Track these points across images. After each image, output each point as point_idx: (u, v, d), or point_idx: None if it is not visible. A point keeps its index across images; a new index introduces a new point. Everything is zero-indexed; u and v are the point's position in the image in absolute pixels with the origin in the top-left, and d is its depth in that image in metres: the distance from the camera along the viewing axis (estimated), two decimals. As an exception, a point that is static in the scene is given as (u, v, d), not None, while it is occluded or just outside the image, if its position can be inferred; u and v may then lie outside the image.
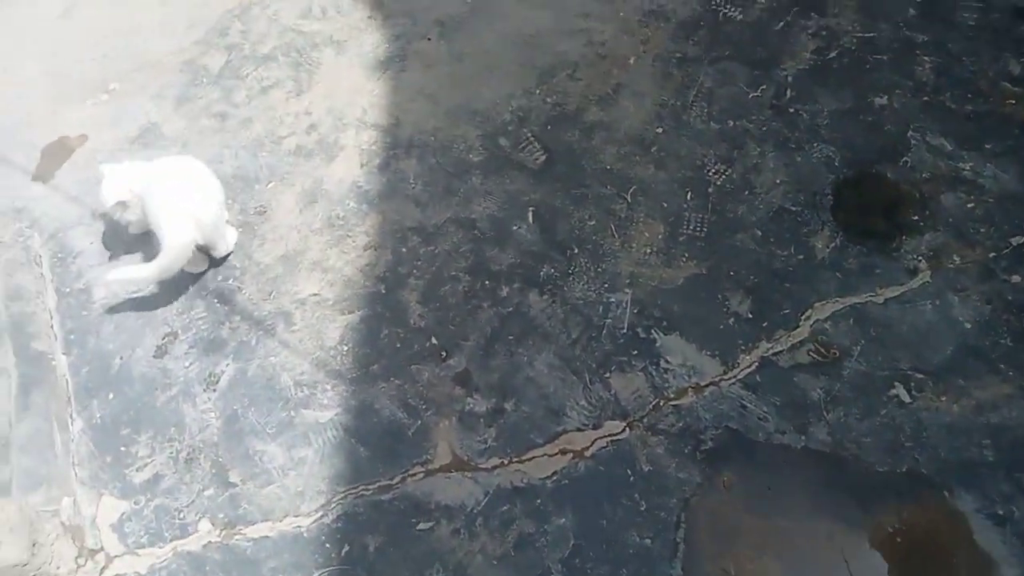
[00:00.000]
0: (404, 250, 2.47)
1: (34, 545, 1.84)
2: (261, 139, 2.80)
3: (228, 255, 2.48)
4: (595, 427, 2.04)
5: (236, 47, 3.08)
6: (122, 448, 2.18)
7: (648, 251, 2.35)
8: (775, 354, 2.08)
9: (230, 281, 2.46)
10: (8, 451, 2.11)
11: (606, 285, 2.30)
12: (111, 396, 2.28)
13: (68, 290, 2.50)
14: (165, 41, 3.15)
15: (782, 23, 2.83)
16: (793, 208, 2.37)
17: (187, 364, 2.31)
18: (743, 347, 2.11)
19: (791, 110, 2.60)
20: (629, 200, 2.46)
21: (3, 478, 2.06)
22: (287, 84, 2.94)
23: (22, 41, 3.21)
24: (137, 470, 2.15)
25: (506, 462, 2.03)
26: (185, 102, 2.93)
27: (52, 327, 2.41)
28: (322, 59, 3.00)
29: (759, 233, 2.32)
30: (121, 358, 2.34)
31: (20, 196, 2.75)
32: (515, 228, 2.47)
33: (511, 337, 2.25)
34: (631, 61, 2.81)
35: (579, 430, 2.05)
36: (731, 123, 2.59)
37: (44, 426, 2.19)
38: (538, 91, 2.78)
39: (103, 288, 2.43)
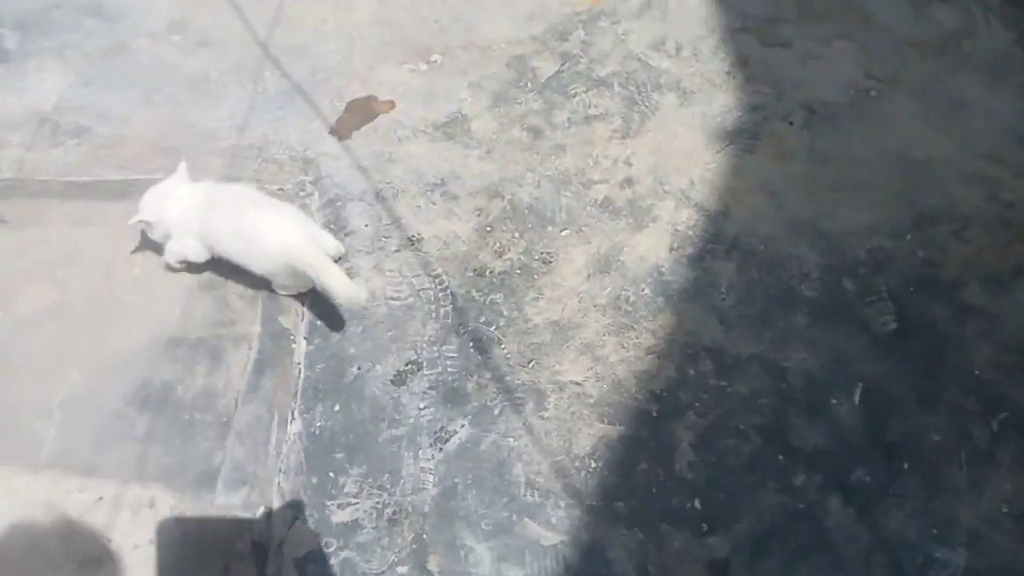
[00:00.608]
0: (692, 372, 2.13)
1: (226, 569, 1.71)
2: (569, 175, 2.54)
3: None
4: None
5: (572, 58, 2.83)
6: (331, 474, 2.03)
7: (1004, 510, 1.86)
8: None
9: (492, 328, 2.24)
10: (227, 434, 2.02)
11: (935, 531, 1.84)
12: (336, 408, 2.13)
13: (329, 269, 2.37)
14: (501, 26, 2.96)
15: None
16: None
17: (422, 406, 2.12)
18: None
19: None
20: (995, 429, 1.97)
21: (214, 464, 1.97)
22: (615, 120, 2.66)
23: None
24: (339, 507, 1.99)
25: None
26: (503, 102, 2.73)
27: (302, 304, 2.30)
28: (662, 104, 2.68)
29: None
30: (359, 368, 2.19)
31: (313, 146, 2.67)
32: (834, 402, 2.05)
33: (794, 544, 1.86)
34: (1043, 242, 2.26)
35: None
36: None
37: (265, 417, 2.09)
38: (909, 237, 2.31)
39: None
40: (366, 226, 2.48)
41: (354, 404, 2.15)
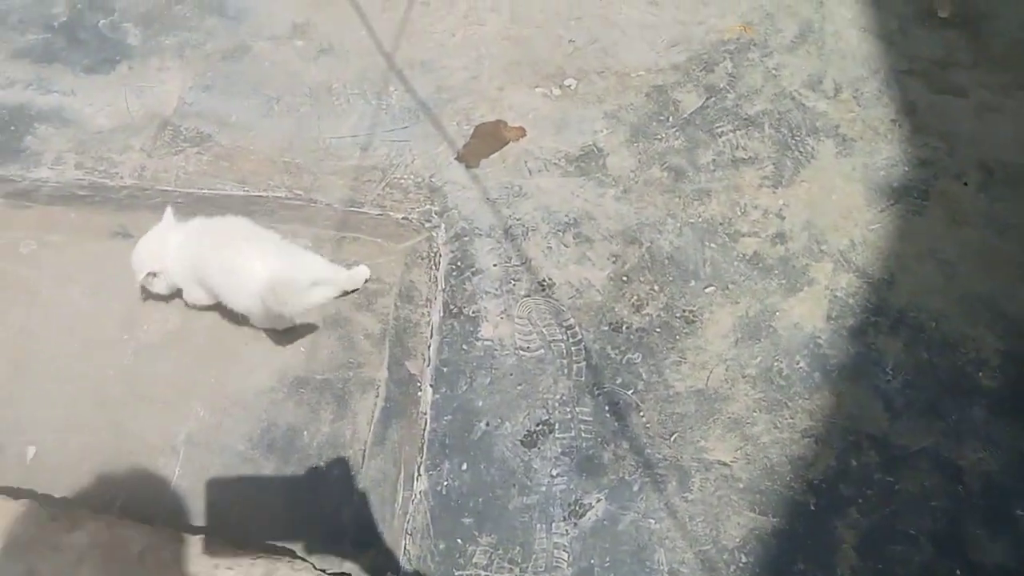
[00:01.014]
0: (854, 463, 1.94)
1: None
2: (714, 224, 2.35)
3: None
4: None
5: (718, 92, 2.62)
6: (458, 540, 1.91)
7: None
8: None
9: (630, 392, 2.08)
10: (354, 489, 1.90)
11: None
12: (464, 467, 2.01)
13: (455, 310, 2.25)
14: (640, 51, 2.77)
15: None
16: None
17: (554, 473, 1.98)
18: None
19: None
20: None
21: (342, 521, 1.87)
22: (765, 166, 2.45)
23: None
24: (466, 580, 1.86)
25: None
26: (641, 137, 2.54)
27: (429, 349, 2.17)
28: (818, 152, 2.46)
29: None
30: (487, 424, 2.06)
31: (439, 173, 2.54)
32: (1020, 513, 1.84)
33: None
34: None
35: None
36: None
37: (391, 472, 1.98)
38: (1106, 327, 2.05)
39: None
40: (494, 266, 2.34)
41: (482, 464, 2.02)
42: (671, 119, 2.60)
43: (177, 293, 2.14)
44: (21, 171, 2.59)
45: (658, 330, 2.19)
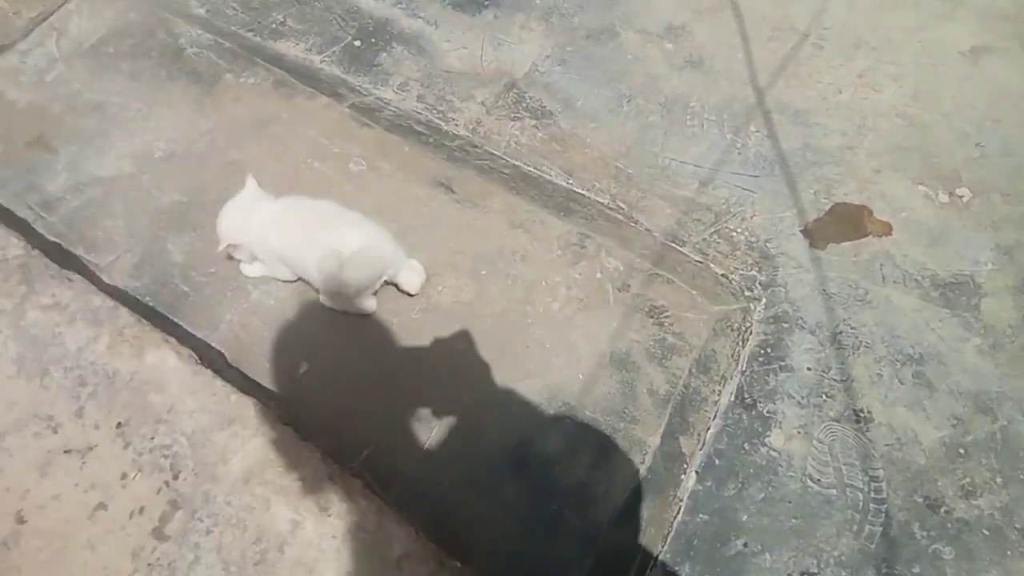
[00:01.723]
0: None
1: None
2: (1101, 434, 1.89)
3: None
4: None
5: None
6: (672, 661, 1.69)
7: None
8: None
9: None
10: (588, 553, 1.74)
11: None
12: (703, 582, 1.77)
13: (749, 400, 2.01)
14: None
15: None
16: None
17: (804, 639, 1.69)
18: None
19: None
20: None
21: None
22: None
23: (936, 73, 2.61)
24: None
25: None
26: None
27: (707, 431, 1.95)
28: None
29: None
30: (745, 545, 1.83)
31: (777, 240, 2.30)
32: None
33: None
34: None
35: None
36: None
37: (629, 551, 1.84)
38: None
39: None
40: (808, 369, 2.05)
41: (724, 585, 1.77)
42: (1079, 283, 2.14)
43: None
44: (369, 85, 2.65)
45: (985, 532, 1.81)
